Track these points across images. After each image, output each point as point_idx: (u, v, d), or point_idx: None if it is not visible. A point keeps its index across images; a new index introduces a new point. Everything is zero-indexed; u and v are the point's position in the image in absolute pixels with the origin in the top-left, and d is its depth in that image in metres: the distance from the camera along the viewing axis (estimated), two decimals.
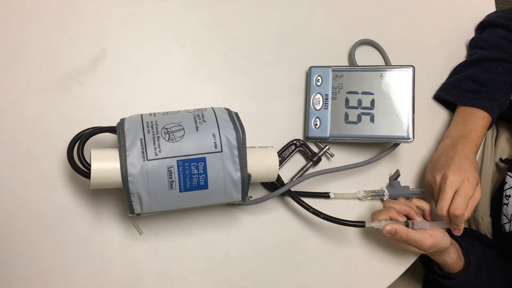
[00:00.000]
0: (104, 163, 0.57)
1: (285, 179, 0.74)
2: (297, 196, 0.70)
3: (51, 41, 0.70)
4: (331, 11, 0.84)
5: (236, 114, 0.63)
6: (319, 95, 0.77)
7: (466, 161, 0.71)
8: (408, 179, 0.80)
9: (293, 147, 0.76)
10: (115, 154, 0.57)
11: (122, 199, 0.68)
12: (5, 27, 0.69)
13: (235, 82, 0.77)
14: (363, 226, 0.68)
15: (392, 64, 0.82)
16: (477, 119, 0.76)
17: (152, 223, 0.69)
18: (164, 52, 0.75)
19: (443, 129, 0.83)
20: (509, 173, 0.84)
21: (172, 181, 0.57)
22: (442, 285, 0.78)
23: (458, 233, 0.70)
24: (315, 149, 0.77)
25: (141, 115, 0.61)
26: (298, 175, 0.75)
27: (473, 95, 0.78)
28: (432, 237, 0.67)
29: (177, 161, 0.56)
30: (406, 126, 0.74)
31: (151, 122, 0.59)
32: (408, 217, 0.70)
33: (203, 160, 0.57)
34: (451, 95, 0.81)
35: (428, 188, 0.75)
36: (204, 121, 0.59)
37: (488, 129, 0.78)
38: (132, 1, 0.75)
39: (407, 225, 0.68)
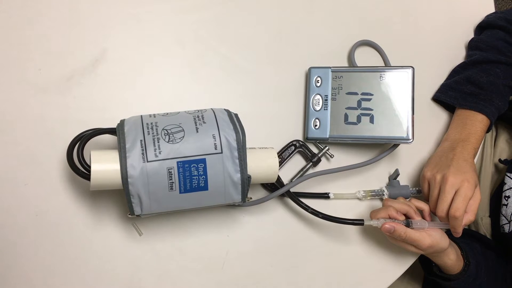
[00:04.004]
0: (104, 165, 0.57)
1: (285, 180, 0.74)
2: (296, 197, 0.70)
3: (51, 42, 0.70)
4: (331, 12, 0.84)
5: (236, 115, 0.63)
6: (318, 96, 0.77)
7: (465, 163, 0.71)
8: (407, 180, 0.80)
9: (293, 148, 0.76)
10: (115, 155, 0.57)
11: (122, 200, 0.68)
12: (5, 27, 0.69)
13: (235, 83, 0.77)
14: (362, 224, 0.68)
15: (391, 65, 0.82)
16: (476, 122, 0.76)
17: (152, 224, 0.69)
18: (164, 52, 0.75)
19: (442, 130, 0.83)
20: (508, 174, 0.84)
21: (172, 182, 0.57)
22: (441, 287, 0.78)
23: (457, 235, 0.70)
24: (314, 150, 0.77)
25: (141, 116, 0.61)
26: (298, 175, 0.75)
27: (472, 98, 0.78)
28: (431, 237, 0.67)
29: (177, 162, 0.56)
30: (406, 126, 0.74)
31: (151, 123, 0.59)
32: (407, 216, 0.70)
33: (203, 161, 0.57)
34: (449, 97, 0.81)
35: (421, 185, 0.75)
36: (204, 122, 0.59)
37: (488, 131, 0.78)
38: (132, 1, 0.75)
39: (406, 224, 0.68)
